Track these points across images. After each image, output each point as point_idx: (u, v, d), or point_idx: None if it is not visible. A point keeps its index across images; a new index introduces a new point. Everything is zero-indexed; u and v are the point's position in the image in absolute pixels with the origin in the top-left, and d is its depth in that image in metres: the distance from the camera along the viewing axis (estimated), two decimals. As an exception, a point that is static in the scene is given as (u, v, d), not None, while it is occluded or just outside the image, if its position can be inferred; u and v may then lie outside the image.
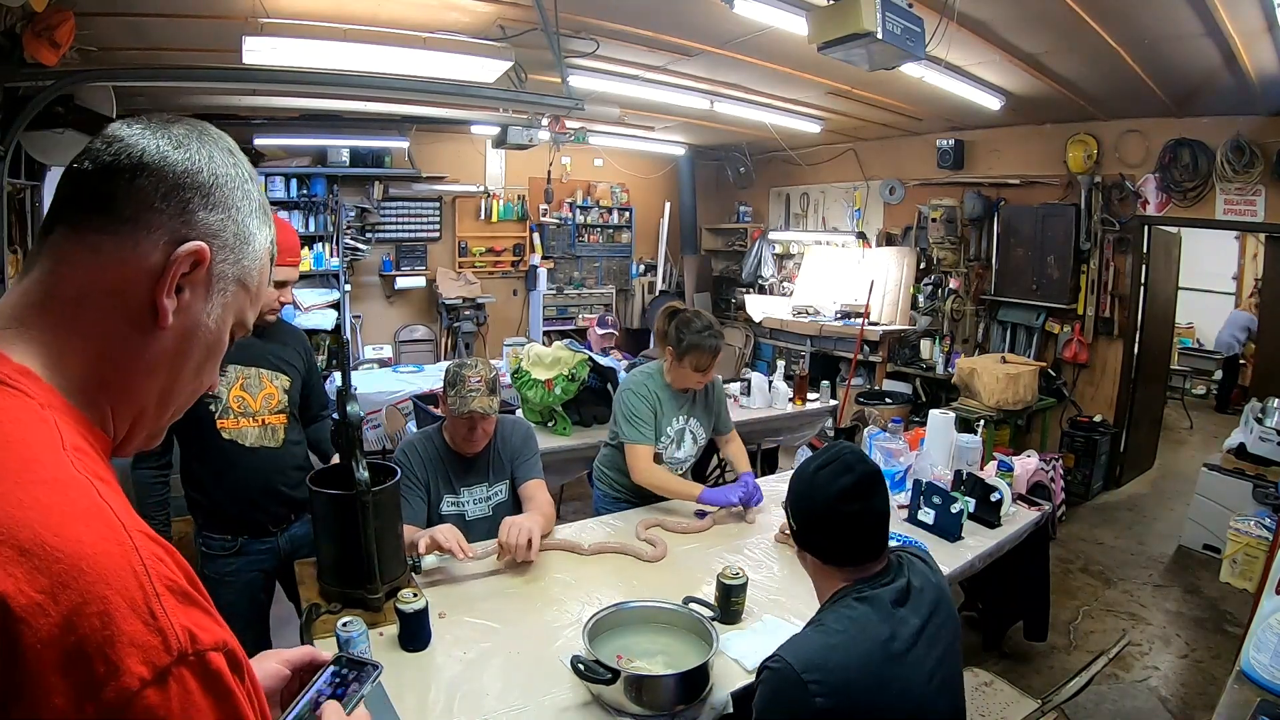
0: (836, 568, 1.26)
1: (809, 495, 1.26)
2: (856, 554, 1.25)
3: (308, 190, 6.04)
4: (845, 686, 1.11)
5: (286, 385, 1.98)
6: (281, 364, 1.98)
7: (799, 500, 1.28)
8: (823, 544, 1.27)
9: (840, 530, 1.24)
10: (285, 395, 1.98)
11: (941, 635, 1.24)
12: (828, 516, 1.24)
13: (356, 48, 3.15)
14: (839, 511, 1.22)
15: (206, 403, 1.84)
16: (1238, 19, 2.85)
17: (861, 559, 1.25)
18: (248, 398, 1.91)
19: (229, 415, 1.88)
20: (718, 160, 7.99)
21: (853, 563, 1.25)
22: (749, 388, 3.87)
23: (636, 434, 2.35)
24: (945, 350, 5.79)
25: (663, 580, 1.91)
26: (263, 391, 1.93)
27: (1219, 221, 4.49)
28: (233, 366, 1.88)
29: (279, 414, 1.96)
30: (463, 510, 2.15)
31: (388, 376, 4.91)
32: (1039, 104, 4.55)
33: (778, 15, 2.78)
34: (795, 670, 1.11)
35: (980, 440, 2.81)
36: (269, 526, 1.98)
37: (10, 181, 2.82)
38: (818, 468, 1.26)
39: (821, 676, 1.11)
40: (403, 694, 1.41)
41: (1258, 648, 1.52)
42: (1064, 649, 3.09)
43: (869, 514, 1.24)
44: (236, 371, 1.89)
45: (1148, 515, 4.69)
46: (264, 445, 1.93)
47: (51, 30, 2.48)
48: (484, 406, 1.99)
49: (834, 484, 1.22)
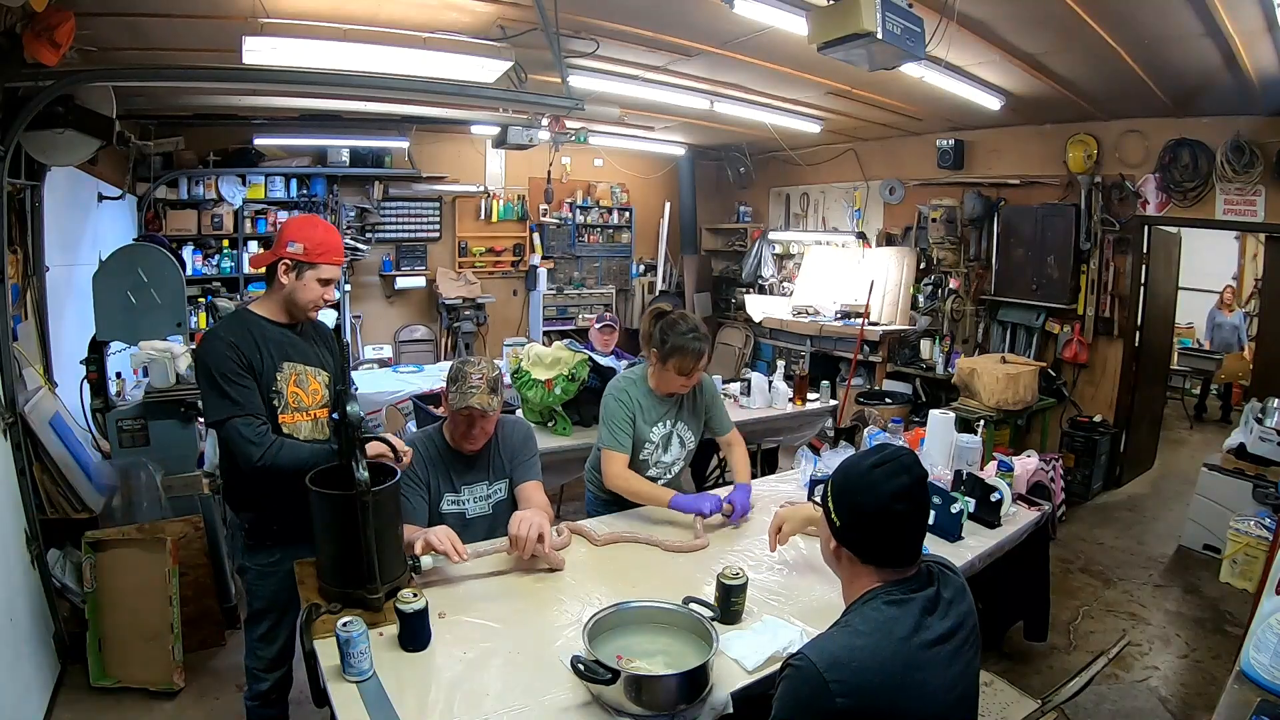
0: (875, 567, 1.24)
1: (862, 491, 1.23)
2: (897, 555, 1.24)
3: (308, 190, 6.05)
4: (867, 687, 1.10)
5: (327, 381, 2.03)
6: (322, 360, 2.03)
7: (848, 495, 1.25)
8: (866, 542, 1.24)
9: (888, 529, 1.22)
10: (326, 391, 2.02)
11: (964, 651, 1.23)
12: (878, 514, 1.21)
13: (356, 48, 3.15)
14: (891, 510, 1.21)
15: (271, 398, 1.88)
16: (1238, 19, 2.85)
17: (900, 561, 1.24)
18: (301, 393, 1.95)
19: (288, 410, 1.92)
20: (718, 160, 8.00)
21: (891, 564, 1.24)
22: (749, 388, 3.87)
23: (611, 440, 2.35)
24: (945, 350, 5.79)
25: (663, 580, 1.91)
26: (310, 386, 1.97)
27: (1219, 221, 4.49)
28: (287, 364, 1.92)
29: (324, 408, 2.01)
30: (463, 509, 2.15)
31: (388, 376, 4.91)
32: (1039, 104, 4.55)
33: (778, 15, 2.78)
34: (817, 668, 1.10)
35: (980, 440, 2.81)
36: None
37: (10, 181, 2.81)
38: (873, 465, 1.23)
39: (844, 676, 1.09)
40: (403, 694, 1.41)
41: (1258, 648, 1.52)
42: (1064, 649, 3.09)
43: (916, 517, 1.24)
44: (290, 368, 1.93)
45: (1148, 515, 4.69)
46: (315, 438, 1.97)
47: (51, 30, 2.47)
48: (483, 403, 2.00)
49: (890, 483, 1.21)
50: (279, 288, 1.92)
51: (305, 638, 1.57)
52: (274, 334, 1.92)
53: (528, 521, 1.89)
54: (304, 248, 1.89)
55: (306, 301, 1.93)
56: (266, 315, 1.94)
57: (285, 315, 1.96)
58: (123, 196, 4.87)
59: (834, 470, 1.32)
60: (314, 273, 1.91)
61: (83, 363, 3.07)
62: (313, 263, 1.90)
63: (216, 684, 2.74)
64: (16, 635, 2.37)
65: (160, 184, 5.41)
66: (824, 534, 1.32)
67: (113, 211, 4.68)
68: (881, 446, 1.30)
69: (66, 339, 3.57)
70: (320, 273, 1.92)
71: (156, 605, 2.68)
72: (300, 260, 1.89)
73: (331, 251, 1.94)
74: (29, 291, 3.27)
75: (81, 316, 3.35)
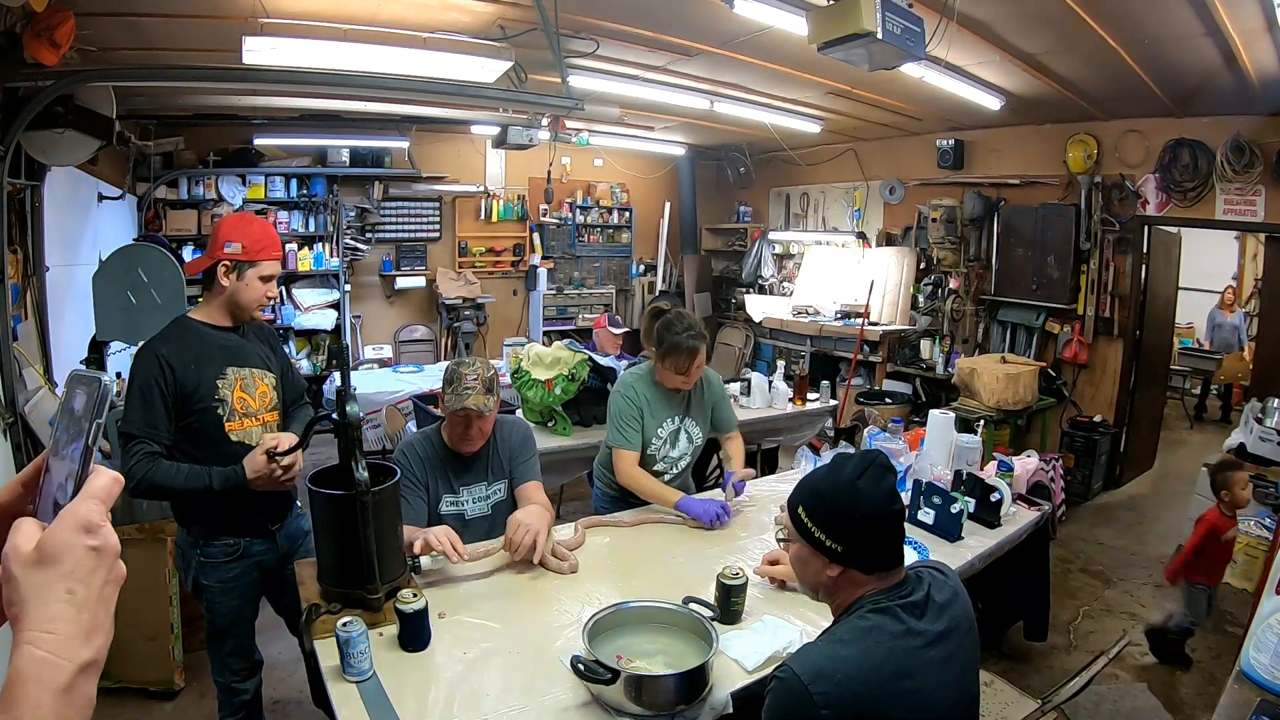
0: (870, 576, 1.21)
1: (855, 505, 1.19)
2: (896, 555, 1.23)
3: (308, 190, 6.05)
4: (852, 698, 1.08)
5: (274, 382, 1.99)
6: (267, 361, 1.99)
7: (843, 516, 1.19)
8: (871, 551, 1.21)
9: (889, 532, 1.21)
10: (275, 392, 1.99)
11: (960, 653, 1.22)
12: (878, 520, 1.19)
13: (356, 48, 3.15)
14: (890, 511, 1.20)
15: (214, 407, 1.84)
16: (1238, 19, 2.85)
17: (897, 562, 1.23)
18: (248, 398, 1.91)
19: (235, 417, 1.88)
20: (718, 160, 7.99)
21: (890, 566, 1.22)
22: (749, 388, 3.87)
23: (621, 438, 2.39)
24: (945, 350, 5.79)
25: (663, 580, 1.91)
26: (258, 390, 1.94)
27: (1219, 221, 4.49)
28: (231, 369, 1.88)
29: (273, 411, 1.98)
30: (462, 509, 2.15)
31: (388, 376, 4.92)
32: (1039, 104, 4.55)
33: (778, 15, 2.78)
34: (801, 681, 1.09)
35: (980, 440, 2.80)
36: (269, 525, 1.99)
37: (10, 181, 2.81)
38: (854, 476, 1.20)
39: (828, 688, 1.08)
40: (403, 694, 1.41)
41: (1258, 648, 1.52)
42: (1064, 649, 3.09)
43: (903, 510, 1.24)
44: (235, 374, 1.89)
45: (1148, 515, 4.69)
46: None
47: (51, 30, 2.47)
48: (478, 404, 1.98)
49: (879, 487, 1.19)
50: (219, 291, 1.87)
51: (305, 638, 1.57)
52: (215, 339, 1.88)
53: (524, 527, 1.88)
54: (242, 246, 1.85)
55: (250, 301, 1.89)
56: (207, 321, 1.89)
57: (228, 319, 1.91)
58: (123, 196, 4.87)
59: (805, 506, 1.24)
60: (255, 271, 1.86)
61: (83, 363, 3.08)
62: (253, 260, 1.86)
63: (216, 684, 2.74)
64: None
65: (160, 184, 5.41)
66: (813, 567, 1.25)
67: (113, 211, 4.68)
68: (845, 456, 1.26)
69: (66, 339, 3.56)
70: (261, 270, 1.88)
71: (156, 605, 2.68)
72: (239, 260, 1.84)
73: (270, 247, 1.90)
74: (29, 291, 3.26)
75: (81, 316, 3.35)
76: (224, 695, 2.03)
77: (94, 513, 0.47)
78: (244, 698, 2.03)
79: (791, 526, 1.27)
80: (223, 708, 2.04)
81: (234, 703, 2.02)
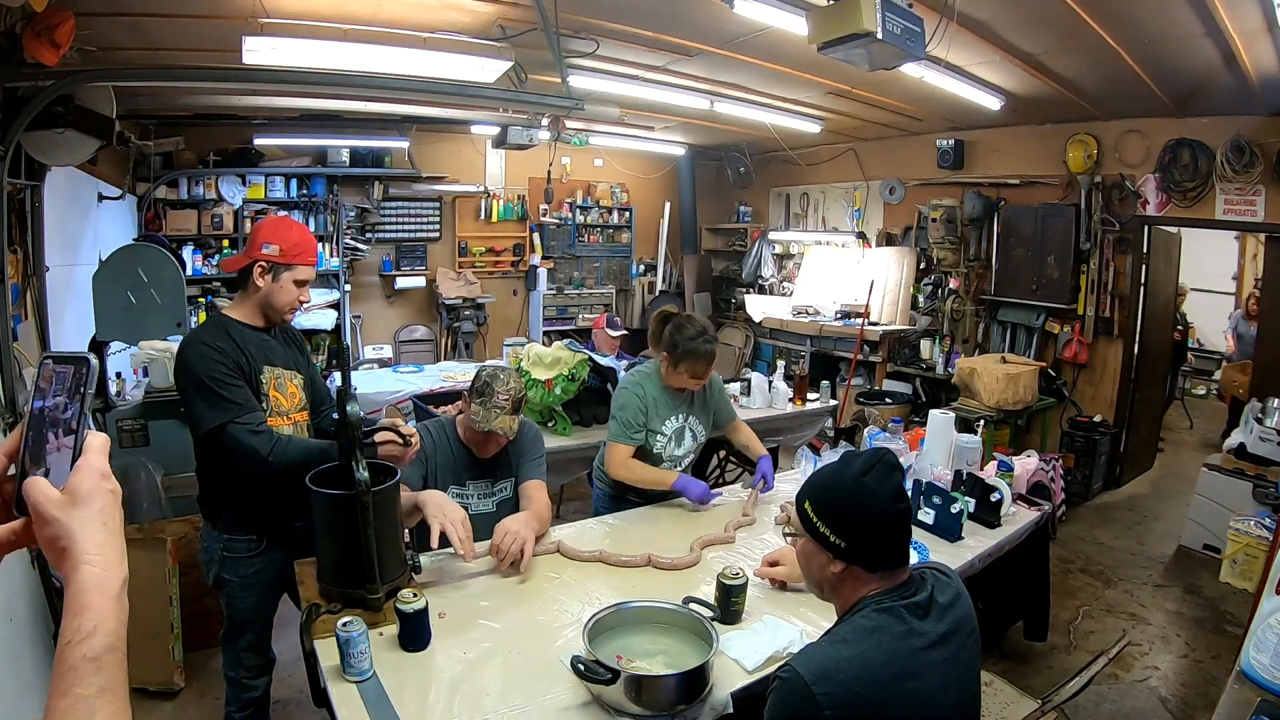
0: (874, 574, 1.21)
1: (862, 504, 1.19)
2: (901, 554, 1.22)
3: (308, 190, 6.05)
4: (855, 699, 1.08)
5: (303, 383, 2.01)
6: (296, 363, 2.02)
7: (849, 513, 1.19)
8: (876, 549, 1.20)
9: (893, 530, 1.21)
10: (303, 393, 2.01)
11: (962, 655, 1.21)
12: (886, 518, 1.19)
13: (356, 48, 3.15)
14: (896, 510, 1.20)
15: (260, 402, 1.86)
16: (1238, 19, 2.85)
17: (902, 560, 1.23)
18: (280, 398, 1.93)
19: (271, 414, 1.90)
20: (718, 160, 7.99)
21: (895, 565, 1.22)
22: (749, 388, 3.87)
23: (620, 433, 2.40)
24: (945, 350, 5.79)
25: (663, 580, 1.91)
26: (288, 390, 1.96)
27: (1219, 221, 4.49)
28: (267, 368, 1.90)
29: (302, 411, 2.00)
30: (467, 504, 2.15)
31: (388, 376, 4.91)
32: (1039, 104, 4.55)
33: (778, 15, 2.78)
34: (804, 681, 1.08)
35: (980, 440, 2.80)
36: (293, 523, 1.99)
37: (10, 181, 2.81)
38: (861, 473, 1.20)
39: (831, 688, 1.07)
40: (403, 694, 1.41)
41: (1258, 648, 1.52)
42: (1064, 649, 3.09)
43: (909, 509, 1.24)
44: (270, 372, 1.91)
45: (1148, 515, 4.69)
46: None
47: (51, 30, 2.47)
48: (504, 428, 2.02)
49: (886, 485, 1.19)
50: (254, 291, 1.89)
51: (305, 638, 1.57)
52: (252, 338, 1.89)
53: (512, 535, 1.87)
54: (280, 249, 1.86)
55: (283, 304, 1.90)
56: (243, 320, 1.90)
57: (261, 319, 1.92)
58: (123, 196, 4.86)
59: (812, 501, 1.25)
60: (290, 274, 1.88)
61: (83, 363, 3.07)
62: (289, 264, 1.87)
63: (216, 684, 2.72)
64: (16, 635, 2.37)
65: (160, 184, 5.40)
66: (817, 562, 1.25)
67: (113, 211, 4.67)
68: (845, 459, 1.26)
69: (66, 339, 3.56)
70: (296, 274, 1.89)
71: (156, 605, 2.68)
72: (276, 262, 1.86)
73: (307, 252, 1.92)
74: (29, 291, 3.26)
75: (81, 316, 3.35)
76: (233, 691, 2.04)
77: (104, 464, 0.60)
78: (254, 694, 2.03)
79: (798, 521, 1.28)
80: (230, 703, 2.05)
81: (243, 699, 2.03)
